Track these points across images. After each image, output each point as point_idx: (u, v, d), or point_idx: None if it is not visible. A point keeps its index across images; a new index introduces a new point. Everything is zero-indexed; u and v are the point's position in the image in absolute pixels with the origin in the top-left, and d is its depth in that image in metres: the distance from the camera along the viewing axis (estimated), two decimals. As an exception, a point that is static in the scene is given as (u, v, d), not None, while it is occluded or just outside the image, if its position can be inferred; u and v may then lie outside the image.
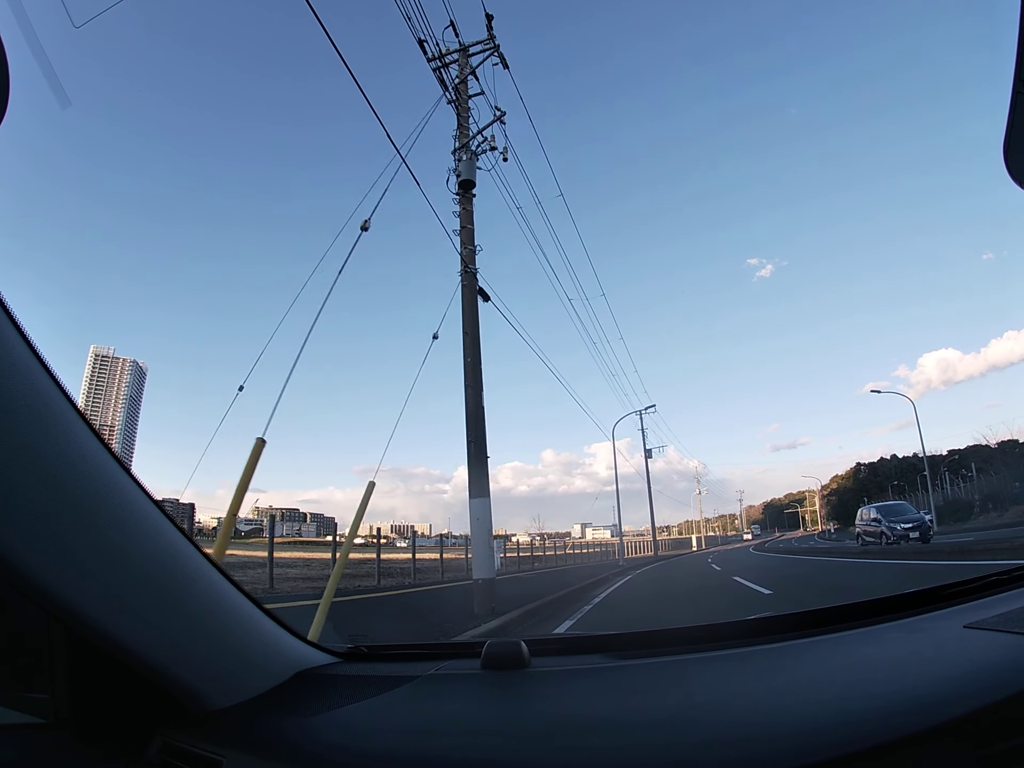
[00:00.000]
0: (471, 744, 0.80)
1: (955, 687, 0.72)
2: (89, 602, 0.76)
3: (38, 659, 0.90)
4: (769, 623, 1.21)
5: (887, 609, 1.17)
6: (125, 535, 0.80)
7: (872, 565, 11.48)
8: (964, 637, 0.91)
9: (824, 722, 0.69)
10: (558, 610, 8.31)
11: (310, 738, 0.85)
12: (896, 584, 7.53)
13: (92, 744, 0.90)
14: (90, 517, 0.75)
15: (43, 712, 0.92)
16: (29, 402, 0.68)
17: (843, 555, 16.83)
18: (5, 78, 0.65)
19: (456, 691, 1.06)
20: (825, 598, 6.87)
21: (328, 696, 1.01)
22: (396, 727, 0.89)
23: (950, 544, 13.87)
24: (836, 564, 13.40)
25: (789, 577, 10.85)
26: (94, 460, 0.77)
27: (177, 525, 0.90)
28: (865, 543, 21.24)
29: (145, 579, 0.83)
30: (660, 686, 0.97)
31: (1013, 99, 0.76)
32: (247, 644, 1.03)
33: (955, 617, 1.03)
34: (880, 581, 8.53)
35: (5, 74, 0.64)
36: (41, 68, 1.45)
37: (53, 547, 0.70)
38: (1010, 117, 0.78)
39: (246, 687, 0.99)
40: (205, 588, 0.95)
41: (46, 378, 0.71)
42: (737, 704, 0.82)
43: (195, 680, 0.92)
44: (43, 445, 0.69)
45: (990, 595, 1.20)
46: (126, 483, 0.81)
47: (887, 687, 0.76)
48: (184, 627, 0.90)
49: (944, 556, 10.77)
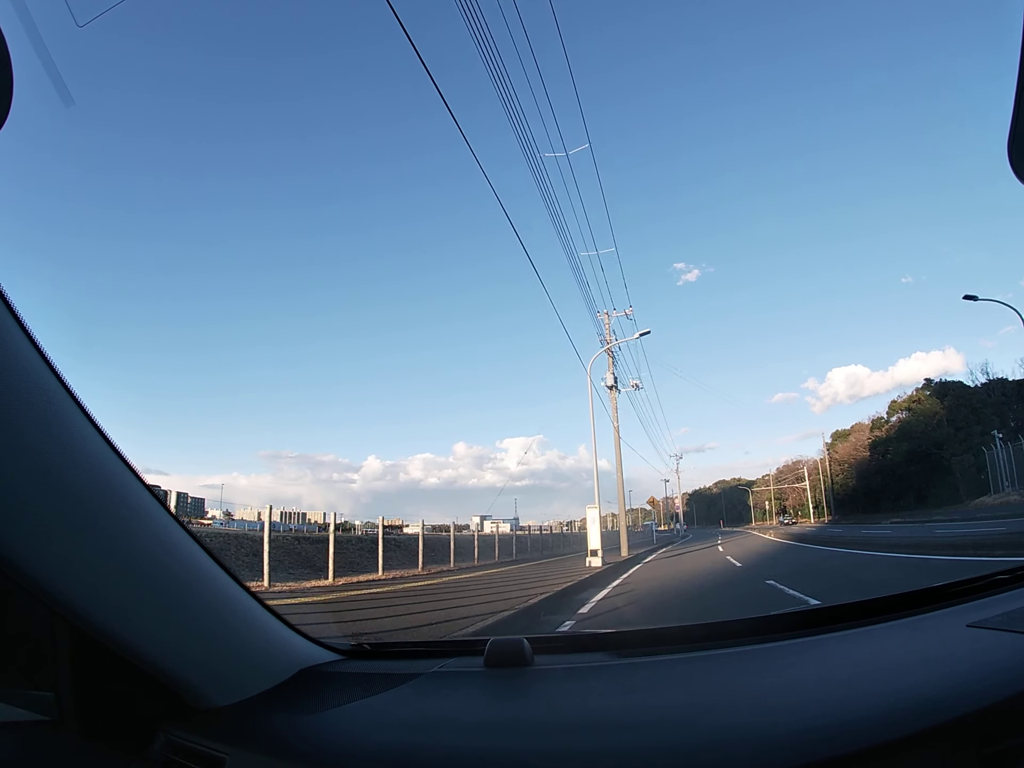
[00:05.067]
0: (474, 742, 0.80)
1: (958, 686, 0.72)
2: (92, 599, 0.76)
3: (42, 656, 0.90)
4: (772, 622, 1.21)
5: (890, 608, 1.17)
6: (128, 532, 0.80)
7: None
8: (967, 636, 0.91)
9: (827, 721, 0.69)
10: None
11: (313, 735, 0.86)
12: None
13: (96, 741, 0.91)
14: (93, 514, 0.75)
15: (47, 709, 0.92)
16: (32, 399, 0.69)
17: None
18: (9, 77, 0.65)
19: (459, 689, 1.06)
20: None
21: (331, 693, 1.01)
22: (399, 724, 0.90)
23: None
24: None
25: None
26: (97, 457, 0.77)
27: (180, 522, 0.90)
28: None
29: (148, 576, 0.83)
30: (662, 685, 0.97)
31: (1017, 100, 0.75)
32: (251, 641, 1.04)
33: (958, 616, 1.02)
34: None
35: (9, 73, 0.65)
36: (44, 67, 1.45)
37: (56, 545, 0.71)
38: (1014, 118, 0.78)
39: (249, 684, 1.00)
40: (209, 585, 0.95)
41: (49, 374, 0.71)
42: (740, 703, 0.81)
43: (198, 677, 0.92)
44: (46, 442, 0.70)
45: (994, 594, 1.19)
46: (129, 480, 0.81)
47: (890, 686, 0.76)
48: (187, 624, 0.90)
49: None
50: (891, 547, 12.27)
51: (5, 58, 0.64)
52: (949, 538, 13.00)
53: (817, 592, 6.35)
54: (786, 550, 16.60)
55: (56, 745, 0.91)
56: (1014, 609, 1.00)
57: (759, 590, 7.35)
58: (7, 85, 0.65)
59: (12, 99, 0.65)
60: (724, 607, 6.28)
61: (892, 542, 14.17)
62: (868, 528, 29.71)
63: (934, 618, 1.10)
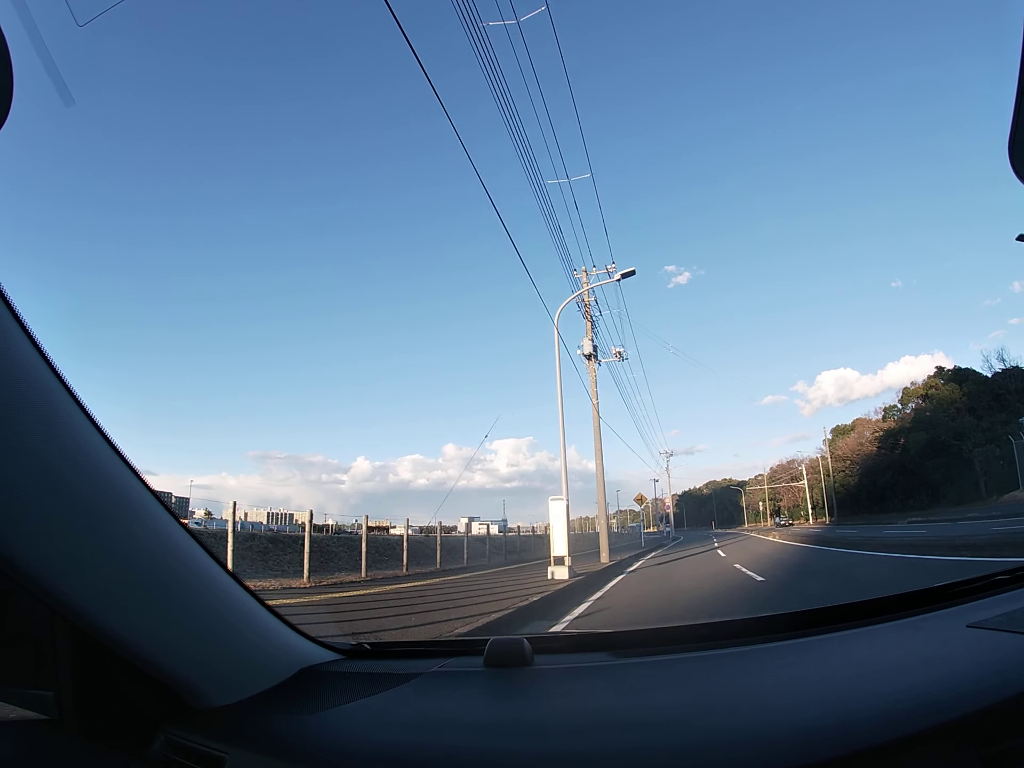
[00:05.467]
0: (474, 741, 0.80)
1: (958, 687, 0.72)
2: (93, 599, 0.76)
3: (42, 655, 0.90)
4: (772, 622, 1.21)
5: (890, 608, 1.17)
6: (129, 532, 0.80)
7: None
8: (967, 637, 0.91)
9: (827, 721, 0.69)
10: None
11: (313, 735, 0.86)
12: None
13: (96, 740, 0.91)
14: (93, 514, 0.75)
15: (47, 709, 0.93)
16: (33, 400, 0.69)
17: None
18: (9, 77, 0.65)
19: (459, 688, 1.06)
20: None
21: (331, 693, 1.01)
22: (399, 724, 0.90)
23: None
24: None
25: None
26: (98, 457, 0.77)
27: (181, 522, 0.90)
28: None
29: (149, 576, 0.83)
30: (663, 685, 0.97)
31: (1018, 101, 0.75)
32: (251, 641, 1.04)
33: (958, 616, 1.02)
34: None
35: (9, 73, 0.64)
36: (44, 67, 1.45)
37: (57, 544, 0.71)
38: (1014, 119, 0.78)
39: (249, 684, 1.00)
40: (209, 585, 0.96)
41: (50, 375, 0.72)
42: (740, 703, 0.82)
43: (198, 677, 0.92)
44: (47, 443, 0.70)
45: (994, 594, 1.19)
46: (130, 480, 0.81)
47: (890, 686, 0.76)
48: (188, 624, 0.90)
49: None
50: (964, 549, 8.60)
51: (5, 58, 0.64)
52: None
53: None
54: (809, 555, 12.82)
55: (56, 745, 0.91)
56: (1014, 610, 1.00)
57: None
58: (7, 85, 0.65)
59: (12, 99, 0.65)
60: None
61: (959, 542, 9.99)
62: (888, 528, 25.72)
63: (934, 618, 1.10)
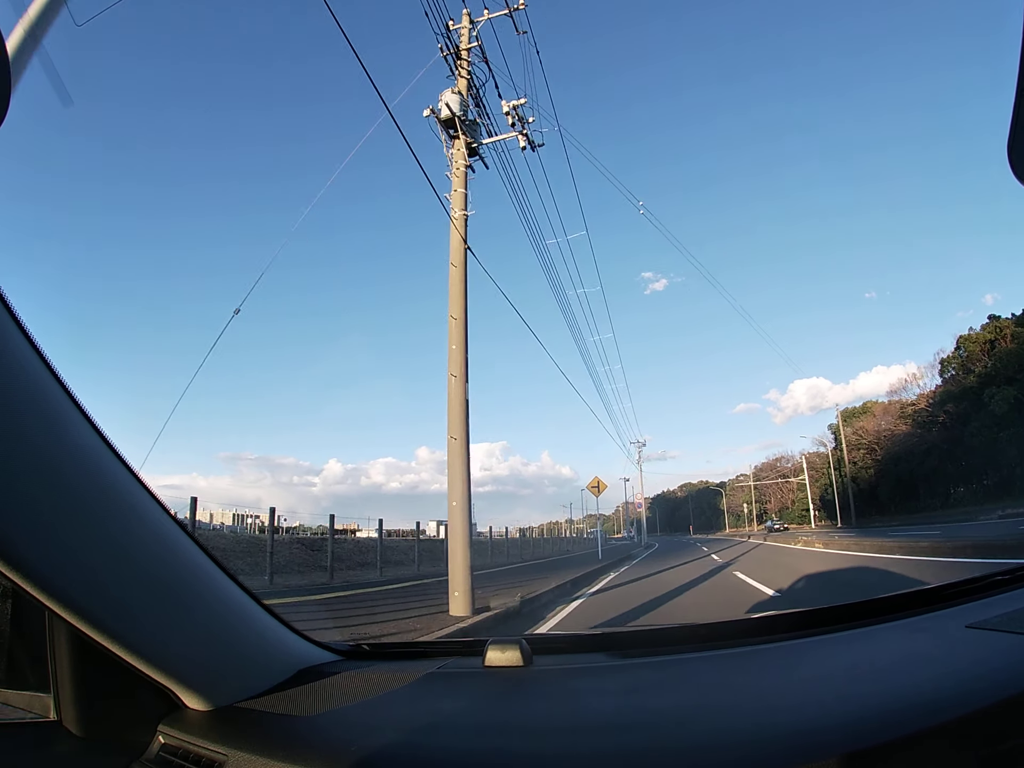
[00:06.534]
0: (473, 742, 0.80)
1: (957, 687, 0.72)
2: (91, 600, 0.76)
3: (40, 657, 0.90)
4: (772, 622, 1.21)
5: (889, 609, 1.17)
6: (127, 532, 0.80)
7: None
8: (966, 637, 0.91)
9: (826, 722, 0.69)
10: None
11: (312, 736, 0.86)
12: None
13: (95, 741, 0.91)
14: (92, 514, 0.75)
15: (46, 710, 0.92)
16: (31, 400, 0.69)
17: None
18: (7, 77, 0.65)
19: (458, 689, 1.06)
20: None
21: (330, 694, 1.01)
22: (398, 725, 0.89)
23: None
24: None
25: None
26: (96, 457, 0.77)
27: (179, 522, 0.90)
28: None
29: (147, 577, 0.83)
30: (662, 685, 0.97)
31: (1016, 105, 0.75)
32: (249, 642, 1.04)
33: (957, 617, 1.02)
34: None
35: (7, 73, 0.64)
36: (44, 67, 1.45)
37: (55, 545, 0.71)
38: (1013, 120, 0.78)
39: (248, 685, 1.00)
40: (207, 585, 0.95)
41: (48, 376, 0.71)
42: (740, 704, 0.81)
43: (197, 678, 0.92)
44: (45, 442, 0.70)
45: (993, 595, 1.19)
46: (128, 480, 0.81)
47: (889, 687, 0.76)
48: (186, 625, 0.90)
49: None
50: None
51: (4, 58, 0.64)
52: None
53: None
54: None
55: (55, 745, 0.91)
56: (1014, 610, 1.00)
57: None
58: (7, 85, 0.64)
59: (10, 99, 0.65)
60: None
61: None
62: (974, 526, 17.47)
63: (934, 618, 1.10)
